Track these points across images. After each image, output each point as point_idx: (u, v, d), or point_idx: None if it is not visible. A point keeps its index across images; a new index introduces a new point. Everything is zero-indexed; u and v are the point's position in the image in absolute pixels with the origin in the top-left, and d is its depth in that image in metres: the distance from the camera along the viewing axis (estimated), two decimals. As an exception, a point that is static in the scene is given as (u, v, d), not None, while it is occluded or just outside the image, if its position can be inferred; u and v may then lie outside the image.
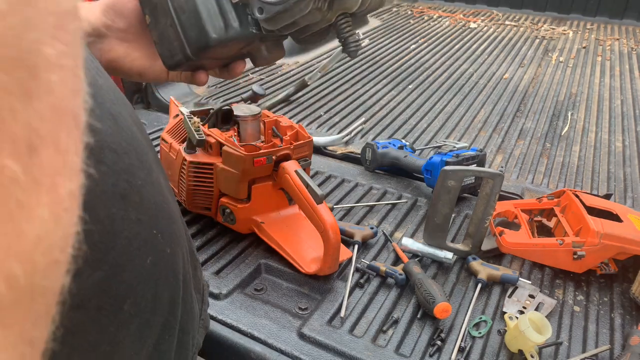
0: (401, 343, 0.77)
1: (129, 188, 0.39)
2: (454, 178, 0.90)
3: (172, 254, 0.45)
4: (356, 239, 0.95)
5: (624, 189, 1.24)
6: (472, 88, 1.85)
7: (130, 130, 0.42)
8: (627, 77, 2.02)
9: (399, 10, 2.94)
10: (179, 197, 1.00)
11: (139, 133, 0.44)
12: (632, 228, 0.90)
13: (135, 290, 0.40)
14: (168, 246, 0.44)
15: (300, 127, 0.95)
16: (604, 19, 2.81)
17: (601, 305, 0.86)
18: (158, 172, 0.46)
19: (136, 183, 0.40)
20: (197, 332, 0.58)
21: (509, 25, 2.70)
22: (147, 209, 0.41)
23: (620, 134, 1.53)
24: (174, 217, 0.47)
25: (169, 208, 0.46)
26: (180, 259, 0.48)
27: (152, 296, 0.42)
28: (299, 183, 0.85)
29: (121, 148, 0.39)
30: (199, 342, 0.60)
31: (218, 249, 0.95)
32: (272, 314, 0.80)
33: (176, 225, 0.48)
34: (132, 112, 0.45)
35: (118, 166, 0.38)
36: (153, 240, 0.41)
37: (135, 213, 0.39)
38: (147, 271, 0.41)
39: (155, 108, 1.59)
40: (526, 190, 1.20)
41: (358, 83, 1.85)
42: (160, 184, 0.45)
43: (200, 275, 0.61)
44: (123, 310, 0.38)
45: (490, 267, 0.89)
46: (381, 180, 1.20)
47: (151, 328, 0.42)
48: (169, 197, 0.47)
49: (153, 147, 0.49)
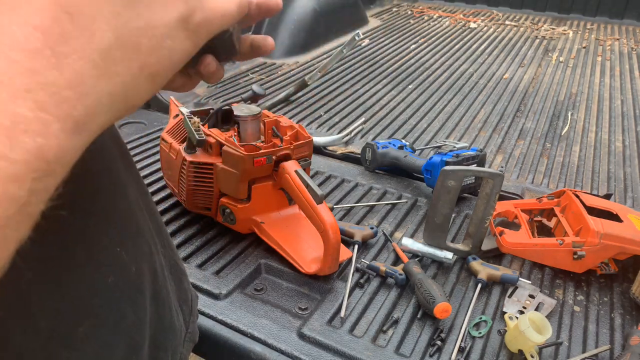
0: (401, 343, 0.77)
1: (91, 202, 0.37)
2: (454, 178, 0.90)
3: (138, 272, 0.43)
4: (356, 239, 0.95)
5: (624, 189, 1.24)
6: (472, 88, 1.85)
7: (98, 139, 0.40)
8: (627, 77, 2.02)
9: (399, 10, 2.94)
10: (179, 197, 1.00)
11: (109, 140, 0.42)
12: (632, 228, 0.90)
13: (94, 311, 0.38)
14: (133, 264, 0.42)
15: (300, 127, 0.95)
16: (604, 19, 2.81)
17: (601, 305, 0.86)
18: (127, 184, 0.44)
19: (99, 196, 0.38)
20: (181, 346, 0.55)
21: (509, 25, 2.70)
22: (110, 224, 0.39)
23: (620, 134, 1.53)
24: (141, 233, 0.45)
25: (136, 223, 0.44)
26: (148, 276, 0.45)
27: (113, 317, 0.40)
28: (299, 183, 0.85)
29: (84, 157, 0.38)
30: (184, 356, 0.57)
31: (218, 249, 0.95)
32: (272, 314, 0.80)
33: (144, 241, 0.45)
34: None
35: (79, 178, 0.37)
36: (116, 258, 0.40)
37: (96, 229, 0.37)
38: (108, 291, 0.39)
39: (155, 108, 1.59)
40: (526, 190, 1.20)
41: (358, 83, 1.85)
42: (127, 197, 0.43)
43: (187, 286, 0.59)
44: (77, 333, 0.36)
45: (490, 267, 0.89)
46: (381, 180, 1.20)
47: (113, 350, 0.40)
48: (137, 212, 0.45)
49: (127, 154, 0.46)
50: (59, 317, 0.35)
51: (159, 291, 0.48)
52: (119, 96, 0.26)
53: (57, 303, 0.34)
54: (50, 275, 0.34)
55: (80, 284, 0.36)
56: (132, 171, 0.47)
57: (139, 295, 0.43)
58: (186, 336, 0.57)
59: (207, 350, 0.79)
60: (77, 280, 0.36)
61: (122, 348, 0.41)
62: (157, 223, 0.51)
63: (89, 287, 0.37)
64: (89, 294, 0.37)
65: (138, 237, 0.44)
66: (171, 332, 0.51)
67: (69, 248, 0.35)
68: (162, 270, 0.49)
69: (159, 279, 0.48)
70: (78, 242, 0.36)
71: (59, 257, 0.34)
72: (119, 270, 0.40)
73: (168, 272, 0.52)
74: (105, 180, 0.40)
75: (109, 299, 0.39)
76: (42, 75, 0.22)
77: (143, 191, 0.49)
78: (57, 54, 0.22)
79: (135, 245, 0.43)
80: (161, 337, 0.49)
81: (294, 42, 2.07)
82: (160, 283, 0.48)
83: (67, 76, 0.23)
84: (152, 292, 0.46)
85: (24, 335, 0.32)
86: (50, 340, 0.34)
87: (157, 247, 0.49)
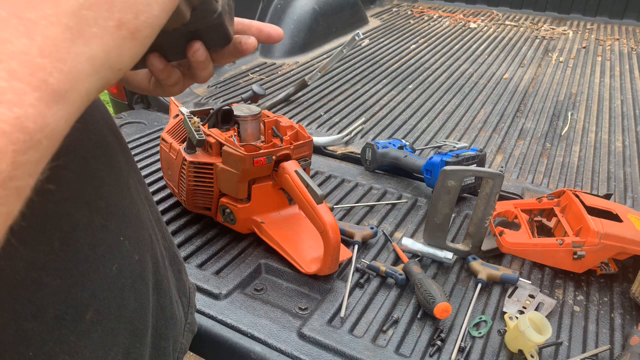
0: (401, 343, 0.77)
1: (94, 194, 0.37)
2: (454, 178, 0.90)
3: (141, 261, 0.44)
4: (356, 239, 0.95)
5: (624, 189, 1.24)
6: (472, 88, 1.85)
7: (99, 133, 0.40)
8: (627, 77, 2.02)
9: (399, 10, 2.94)
10: (179, 197, 1.00)
11: (110, 135, 0.42)
12: (632, 228, 0.90)
13: (99, 298, 0.38)
14: (136, 253, 0.43)
15: (300, 127, 0.95)
16: (604, 19, 2.81)
17: (601, 305, 0.86)
18: (128, 176, 0.44)
19: (102, 189, 0.38)
20: (181, 336, 0.56)
21: (509, 25, 2.70)
22: (113, 215, 0.40)
23: (620, 134, 1.53)
24: (143, 222, 0.45)
25: (137, 213, 0.44)
26: (150, 265, 0.46)
27: (117, 304, 0.40)
28: (299, 183, 0.85)
29: (88, 152, 0.37)
30: (184, 346, 0.58)
31: (218, 249, 0.95)
32: (272, 314, 0.80)
33: (145, 230, 0.46)
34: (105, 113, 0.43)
35: (83, 172, 0.37)
36: (119, 247, 0.40)
37: (100, 219, 0.38)
38: (111, 279, 0.39)
39: (155, 108, 1.59)
40: (526, 190, 1.20)
41: (358, 83, 1.85)
42: (128, 189, 0.43)
43: (186, 278, 0.60)
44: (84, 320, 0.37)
45: (490, 267, 0.89)
46: (381, 180, 1.20)
47: (117, 336, 0.41)
48: (138, 202, 0.45)
49: (126, 147, 0.46)
50: (66, 304, 0.35)
51: (161, 281, 0.49)
52: (100, 59, 0.24)
53: (64, 291, 0.35)
54: (58, 265, 0.34)
55: (85, 272, 0.37)
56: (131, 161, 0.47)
57: (142, 284, 0.44)
58: (185, 326, 0.58)
59: (207, 350, 0.79)
60: (83, 269, 0.36)
61: (125, 335, 0.42)
62: (156, 213, 0.52)
63: (94, 275, 0.37)
64: (94, 282, 0.37)
65: (140, 227, 0.45)
66: (172, 321, 0.52)
67: (75, 238, 0.36)
68: (163, 260, 0.50)
69: (160, 269, 0.49)
70: (83, 232, 0.36)
71: (66, 247, 0.35)
72: (122, 259, 0.41)
73: (168, 262, 0.52)
74: (108, 170, 0.40)
75: (113, 287, 0.40)
76: (12, 44, 0.21)
77: (141, 181, 0.50)
78: (24, 21, 0.22)
79: (137, 234, 0.44)
80: (163, 326, 0.50)
81: (294, 42, 2.07)
82: (161, 273, 0.49)
83: (39, 43, 0.22)
84: (154, 281, 0.47)
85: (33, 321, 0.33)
86: (58, 327, 0.35)
87: (158, 237, 0.50)
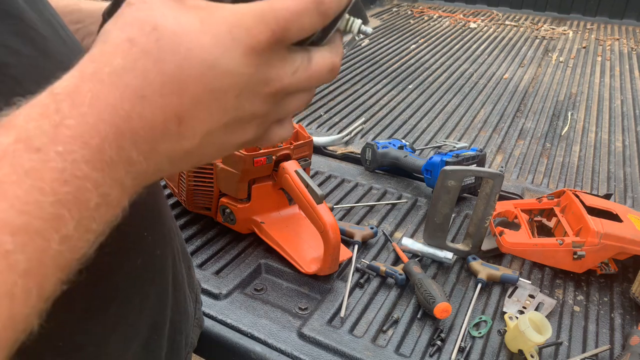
0: (401, 343, 0.77)
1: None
2: (454, 178, 0.90)
3: (162, 256, 0.45)
4: (356, 239, 0.95)
5: (624, 189, 1.24)
6: (472, 88, 1.85)
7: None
8: (627, 77, 2.02)
9: (399, 10, 2.94)
10: (179, 197, 1.00)
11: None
12: (632, 228, 0.90)
13: (123, 292, 0.39)
14: (158, 248, 0.44)
15: (300, 127, 0.95)
16: (604, 19, 2.81)
17: (601, 305, 0.86)
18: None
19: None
20: (191, 331, 0.57)
21: (509, 25, 2.70)
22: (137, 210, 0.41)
23: (620, 134, 1.53)
24: (164, 218, 0.47)
25: (159, 208, 0.45)
26: (170, 260, 0.47)
27: (139, 298, 0.42)
28: (299, 183, 0.85)
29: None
30: (193, 341, 0.59)
31: (218, 249, 0.95)
32: (272, 314, 0.80)
33: (166, 226, 0.47)
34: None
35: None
36: (142, 242, 0.41)
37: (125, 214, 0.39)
38: (136, 273, 0.40)
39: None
40: (526, 190, 1.20)
41: (358, 83, 1.85)
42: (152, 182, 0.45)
43: (194, 274, 0.61)
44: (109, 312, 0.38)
45: (490, 267, 0.89)
46: (381, 180, 1.20)
47: (138, 329, 0.42)
48: (158, 197, 0.46)
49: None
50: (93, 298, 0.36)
51: (177, 275, 0.50)
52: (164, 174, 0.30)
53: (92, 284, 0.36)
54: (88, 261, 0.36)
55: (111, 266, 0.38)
56: None
57: (162, 279, 0.45)
58: (194, 322, 0.58)
59: (207, 350, 0.79)
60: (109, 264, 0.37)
61: (145, 328, 0.43)
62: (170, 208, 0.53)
63: (119, 269, 0.39)
64: (119, 276, 0.39)
65: (160, 221, 0.46)
66: (185, 316, 0.53)
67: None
68: (179, 255, 0.51)
69: (177, 264, 0.50)
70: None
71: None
72: (145, 254, 0.42)
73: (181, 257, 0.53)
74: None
75: (135, 281, 0.41)
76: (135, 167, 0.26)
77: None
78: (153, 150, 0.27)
79: (158, 229, 0.45)
80: (177, 320, 0.51)
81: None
82: (177, 268, 0.50)
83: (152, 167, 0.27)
84: (172, 275, 0.47)
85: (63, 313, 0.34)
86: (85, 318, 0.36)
87: (175, 232, 0.50)
